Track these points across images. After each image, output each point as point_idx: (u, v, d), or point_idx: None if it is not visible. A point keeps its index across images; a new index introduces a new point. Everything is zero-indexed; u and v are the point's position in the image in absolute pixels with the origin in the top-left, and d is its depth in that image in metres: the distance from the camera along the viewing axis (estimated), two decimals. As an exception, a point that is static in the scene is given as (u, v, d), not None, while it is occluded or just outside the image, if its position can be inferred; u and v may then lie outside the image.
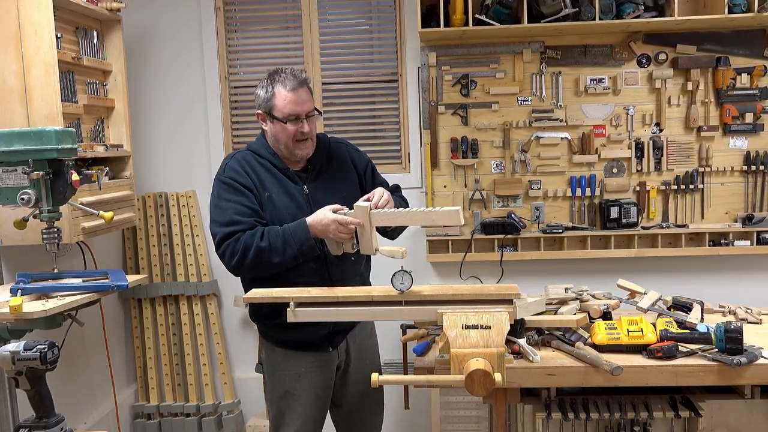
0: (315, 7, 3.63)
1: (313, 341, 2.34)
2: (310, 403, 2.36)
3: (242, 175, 2.26)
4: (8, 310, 2.06)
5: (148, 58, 3.67)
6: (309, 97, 2.25)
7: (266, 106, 2.25)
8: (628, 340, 2.15)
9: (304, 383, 2.35)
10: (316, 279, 2.22)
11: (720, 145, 3.44)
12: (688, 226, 3.43)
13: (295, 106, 2.21)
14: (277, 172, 2.30)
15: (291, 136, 2.23)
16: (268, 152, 2.31)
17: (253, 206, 2.22)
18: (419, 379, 1.95)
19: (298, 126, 2.22)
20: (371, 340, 2.56)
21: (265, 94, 2.25)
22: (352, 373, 2.46)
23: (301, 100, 2.21)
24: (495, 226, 3.43)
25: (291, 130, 2.22)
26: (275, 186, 2.27)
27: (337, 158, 2.40)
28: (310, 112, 2.24)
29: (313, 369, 2.36)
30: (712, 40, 3.38)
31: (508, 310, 1.85)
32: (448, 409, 3.07)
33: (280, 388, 2.38)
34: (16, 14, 2.63)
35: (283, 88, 2.21)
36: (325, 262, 2.26)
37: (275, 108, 2.23)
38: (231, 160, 2.32)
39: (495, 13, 3.20)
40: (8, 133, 2.15)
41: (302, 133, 2.23)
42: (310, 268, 2.24)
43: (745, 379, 2.07)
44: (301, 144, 2.25)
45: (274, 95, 2.22)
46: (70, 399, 3.14)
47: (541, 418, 2.16)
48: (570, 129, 3.46)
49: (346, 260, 2.28)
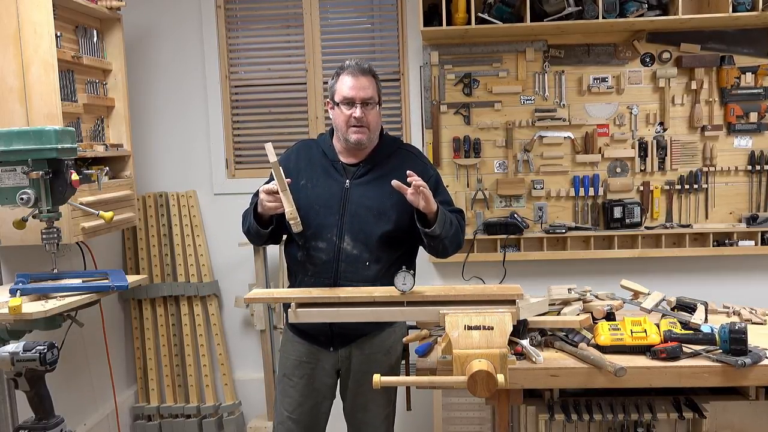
0: (316, 5, 3.62)
1: (315, 335, 2.34)
2: (307, 393, 2.37)
3: (288, 158, 2.37)
4: (7, 311, 2.06)
5: (148, 57, 3.66)
6: (370, 84, 2.26)
7: (331, 93, 2.31)
8: (631, 341, 2.14)
9: (303, 371, 2.37)
10: (324, 271, 2.24)
11: (724, 144, 3.43)
12: (692, 226, 3.42)
13: (351, 90, 2.23)
14: (325, 162, 2.32)
15: (345, 120, 2.24)
16: (326, 143, 2.37)
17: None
18: (421, 380, 1.94)
19: (352, 111, 2.23)
20: (387, 358, 2.37)
21: (332, 81, 2.31)
22: (354, 384, 2.39)
23: (360, 85, 2.23)
24: (497, 226, 3.42)
25: (345, 114, 2.24)
26: (316, 174, 2.30)
27: (398, 162, 2.33)
28: (367, 99, 2.24)
29: (312, 362, 2.37)
30: (716, 39, 3.37)
31: (511, 310, 1.84)
32: (451, 410, 3.05)
33: (282, 370, 2.43)
34: (16, 13, 2.62)
35: (345, 74, 2.26)
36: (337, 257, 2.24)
37: (336, 92, 2.27)
38: (295, 144, 2.47)
39: (497, 11, 3.19)
40: (7, 133, 2.15)
41: (356, 119, 2.23)
42: (321, 260, 2.25)
43: (750, 381, 2.06)
44: (354, 129, 2.25)
45: (337, 81, 2.28)
46: (70, 400, 3.13)
47: (544, 419, 2.15)
48: (573, 128, 3.45)
49: (359, 262, 2.24)
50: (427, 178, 2.23)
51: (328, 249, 2.24)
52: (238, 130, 3.76)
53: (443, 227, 2.16)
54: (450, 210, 2.30)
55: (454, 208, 2.35)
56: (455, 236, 2.27)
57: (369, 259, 2.24)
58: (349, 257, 2.23)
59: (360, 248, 2.23)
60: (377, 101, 2.28)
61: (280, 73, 3.69)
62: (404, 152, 2.38)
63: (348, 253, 2.22)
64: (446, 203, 2.32)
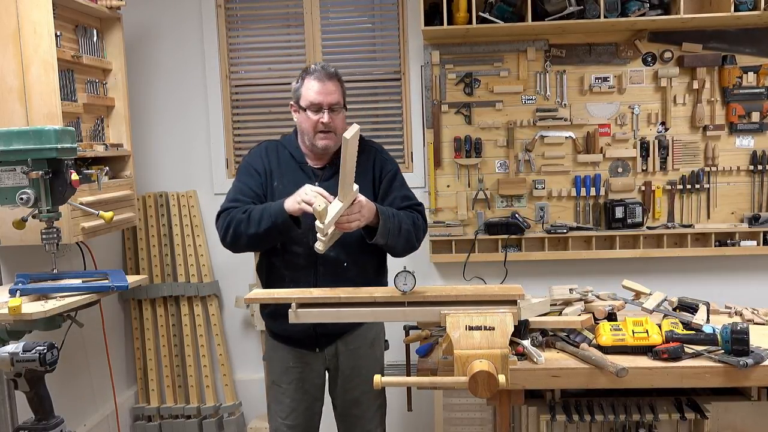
0: (317, 4, 3.61)
1: (299, 338, 2.35)
2: (298, 397, 2.39)
3: (257, 159, 2.35)
4: (7, 311, 2.05)
5: (148, 56, 3.66)
6: (336, 89, 2.26)
7: (295, 96, 2.31)
8: (633, 342, 2.13)
9: (291, 377, 2.39)
10: (303, 276, 2.25)
11: (726, 144, 3.42)
12: (694, 226, 3.41)
13: (318, 96, 2.23)
14: (294, 165, 2.33)
15: (312, 126, 2.25)
16: (293, 145, 2.37)
17: (256, 189, 2.29)
18: (422, 381, 1.94)
19: (319, 116, 2.24)
20: (371, 351, 2.46)
21: (296, 84, 2.31)
22: (345, 380, 2.43)
23: (326, 90, 2.24)
24: (499, 226, 3.41)
25: (312, 120, 2.24)
26: (286, 177, 2.31)
27: (361, 160, 2.33)
28: (334, 104, 2.25)
29: (300, 365, 2.38)
30: (718, 39, 3.36)
31: (512, 311, 1.83)
32: (452, 411, 3.05)
33: (271, 378, 2.45)
34: (15, 12, 2.61)
35: (310, 79, 2.26)
36: (316, 262, 2.25)
37: (301, 97, 2.27)
38: (258, 146, 2.43)
39: (499, 11, 3.19)
40: (7, 132, 2.14)
41: (323, 124, 2.24)
42: (299, 265, 2.26)
43: (752, 381, 2.05)
44: (322, 135, 2.26)
45: (303, 85, 2.28)
46: (70, 401, 3.12)
47: (545, 420, 2.15)
48: (574, 128, 3.44)
49: (337, 265, 2.26)
50: (387, 172, 2.36)
51: (305, 254, 2.24)
52: (239, 130, 3.75)
53: (387, 237, 2.19)
54: (408, 205, 2.34)
55: (413, 203, 2.38)
56: (407, 241, 2.28)
57: (347, 260, 2.26)
58: (328, 261, 2.24)
59: (338, 251, 2.23)
60: (343, 105, 2.30)
61: (280, 73, 3.68)
62: (367, 149, 2.39)
63: (326, 257, 2.20)
64: (405, 198, 2.37)
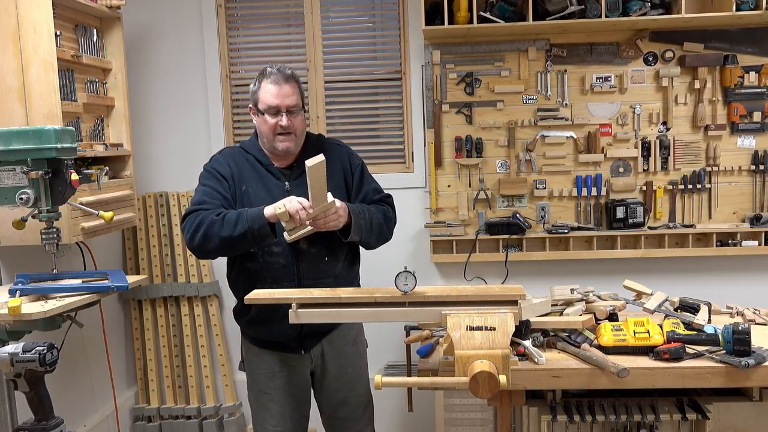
0: (317, 4, 3.61)
1: (283, 342, 2.35)
2: (286, 402, 2.39)
3: (222, 165, 2.35)
4: (7, 312, 2.04)
5: (148, 56, 3.65)
6: (293, 92, 2.27)
7: (253, 99, 2.32)
8: (634, 342, 2.13)
9: (278, 382, 2.39)
10: (284, 275, 2.26)
11: (727, 144, 3.41)
12: (696, 227, 3.40)
13: (276, 99, 2.24)
14: (261, 168, 2.34)
15: (271, 128, 2.27)
16: (255, 148, 2.38)
17: (224, 193, 2.29)
18: (423, 381, 1.93)
19: (277, 119, 2.25)
20: (355, 348, 2.48)
21: (254, 87, 2.32)
22: (331, 381, 2.43)
23: (283, 93, 2.25)
24: (500, 226, 3.41)
25: (271, 123, 2.26)
26: (255, 181, 2.32)
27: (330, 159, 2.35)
28: (291, 106, 2.26)
29: (285, 369, 2.39)
30: (719, 38, 3.35)
31: (513, 311, 1.83)
32: (452, 411, 3.04)
33: (255, 386, 2.44)
34: (15, 11, 2.61)
35: (267, 82, 2.27)
36: (296, 259, 2.27)
37: (259, 100, 2.29)
38: (218, 153, 2.44)
39: (500, 10, 3.18)
40: (7, 132, 2.14)
41: (282, 127, 2.25)
42: (279, 264, 2.27)
43: (753, 381, 2.05)
44: (281, 138, 2.28)
45: (260, 88, 2.29)
46: (70, 401, 3.12)
47: (546, 420, 2.15)
48: (576, 128, 3.43)
49: (318, 259, 2.28)
50: (356, 167, 2.41)
51: (284, 252, 2.26)
52: (239, 130, 3.74)
53: (361, 233, 2.23)
54: (380, 198, 2.39)
55: (383, 196, 2.42)
56: (379, 234, 2.33)
57: (327, 254, 2.28)
58: (309, 256, 2.27)
59: (317, 246, 2.26)
60: (302, 107, 2.31)
61: (280, 73, 3.68)
62: (330, 146, 2.41)
63: (306, 252, 2.25)
64: (376, 191, 2.41)
